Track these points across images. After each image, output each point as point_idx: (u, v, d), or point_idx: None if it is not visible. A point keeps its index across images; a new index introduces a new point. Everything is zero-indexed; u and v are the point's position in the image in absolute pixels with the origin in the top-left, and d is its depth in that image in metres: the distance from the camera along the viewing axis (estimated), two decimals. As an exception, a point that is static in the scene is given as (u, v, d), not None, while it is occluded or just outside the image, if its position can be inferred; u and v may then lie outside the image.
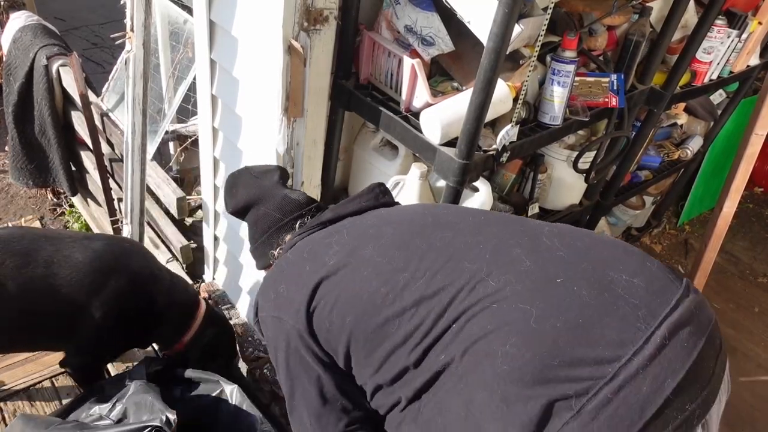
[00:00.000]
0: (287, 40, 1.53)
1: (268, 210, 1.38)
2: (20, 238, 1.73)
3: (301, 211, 1.36)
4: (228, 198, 1.49)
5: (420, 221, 1.18)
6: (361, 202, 1.30)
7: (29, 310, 1.68)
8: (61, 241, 1.74)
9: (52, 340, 1.81)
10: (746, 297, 3.35)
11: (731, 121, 3.00)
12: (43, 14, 3.21)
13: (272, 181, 1.44)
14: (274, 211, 1.37)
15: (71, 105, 2.74)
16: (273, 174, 1.46)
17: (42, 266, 1.67)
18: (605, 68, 1.86)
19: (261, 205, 1.40)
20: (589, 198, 2.35)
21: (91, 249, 1.73)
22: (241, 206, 1.44)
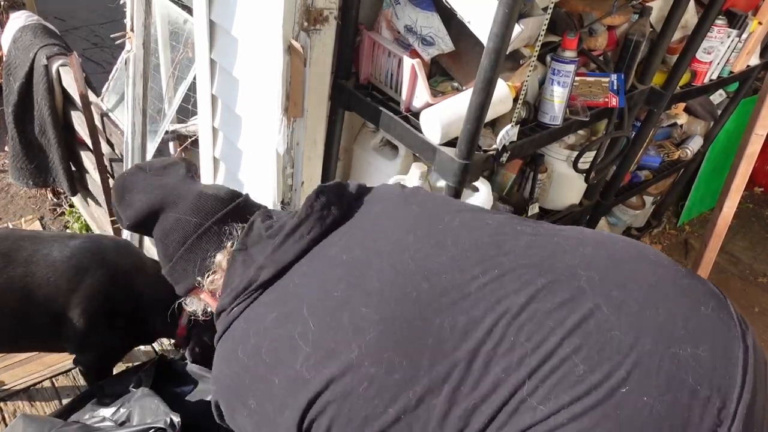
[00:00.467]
0: (287, 40, 1.53)
1: (180, 215, 1.08)
2: (4, 239, 1.76)
3: (224, 211, 1.08)
4: (121, 210, 1.16)
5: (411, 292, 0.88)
6: (304, 235, 0.98)
7: (13, 311, 1.70)
8: (42, 241, 1.77)
9: (44, 340, 1.81)
10: (746, 297, 3.35)
11: (731, 121, 3.00)
12: (43, 14, 3.20)
13: (178, 176, 1.14)
14: (189, 215, 1.07)
15: (71, 105, 2.74)
16: (177, 168, 1.16)
17: (21, 266, 1.70)
18: (605, 68, 1.86)
19: (169, 210, 1.09)
20: (589, 198, 2.35)
21: (68, 247, 1.75)
22: (142, 216, 1.12)
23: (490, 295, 0.86)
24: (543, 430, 0.76)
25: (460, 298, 0.86)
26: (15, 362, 2.24)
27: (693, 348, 0.80)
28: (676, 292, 0.88)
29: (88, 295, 1.71)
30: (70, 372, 2.25)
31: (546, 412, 0.77)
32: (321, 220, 1.00)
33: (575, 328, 0.81)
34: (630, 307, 0.84)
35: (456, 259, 0.90)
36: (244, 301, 0.97)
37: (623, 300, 0.84)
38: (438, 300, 0.86)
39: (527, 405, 0.78)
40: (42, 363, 2.25)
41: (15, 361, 2.24)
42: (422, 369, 0.83)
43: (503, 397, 0.79)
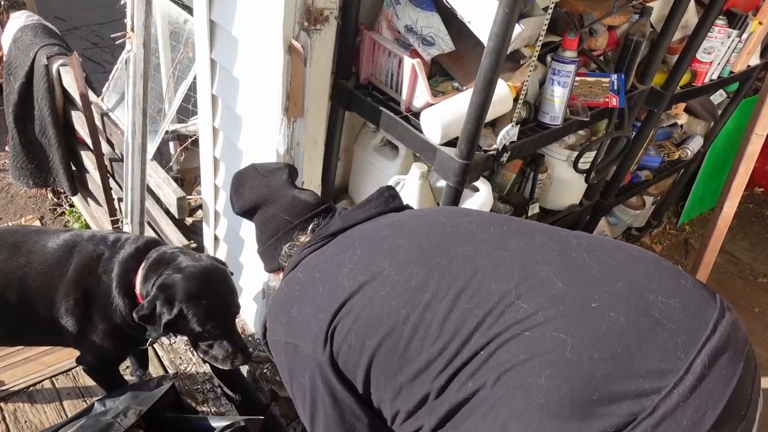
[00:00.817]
0: (287, 40, 1.53)
1: (276, 212, 1.34)
2: (14, 233, 1.80)
3: (311, 213, 1.32)
4: (234, 198, 1.45)
5: (437, 231, 1.11)
6: (371, 208, 1.24)
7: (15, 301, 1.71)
8: (45, 234, 1.79)
9: (46, 333, 1.81)
10: (746, 297, 3.35)
11: (731, 121, 3.00)
12: (43, 14, 3.21)
13: (281, 181, 1.40)
14: (282, 213, 1.33)
15: (71, 105, 2.74)
16: (281, 173, 1.42)
17: (24, 256, 1.72)
18: (605, 68, 1.86)
19: (269, 206, 1.36)
20: (590, 198, 2.35)
21: (61, 239, 1.77)
22: (248, 207, 1.40)
23: (496, 239, 1.07)
24: (522, 327, 0.91)
25: (474, 238, 1.08)
26: (15, 362, 2.24)
27: (665, 298, 0.91)
28: (658, 266, 1.00)
29: (71, 285, 1.72)
30: (70, 372, 2.24)
31: (526, 311, 0.92)
32: (385, 202, 1.27)
33: (559, 264, 0.98)
34: (611, 265, 0.98)
35: (477, 219, 1.14)
36: (315, 245, 1.21)
37: (606, 260, 0.99)
38: (456, 237, 1.09)
39: (513, 307, 0.93)
40: (42, 363, 2.25)
41: (15, 361, 2.24)
42: (433, 280, 1.01)
43: (492, 302, 0.95)
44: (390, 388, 1.03)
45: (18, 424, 2.06)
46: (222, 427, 1.75)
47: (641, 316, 0.88)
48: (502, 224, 1.11)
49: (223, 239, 2.31)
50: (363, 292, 1.06)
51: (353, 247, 1.14)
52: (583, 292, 0.93)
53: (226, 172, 2.09)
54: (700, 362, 0.84)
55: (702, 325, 0.88)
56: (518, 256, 1.01)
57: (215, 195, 2.20)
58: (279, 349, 1.15)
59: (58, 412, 2.12)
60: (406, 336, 0.99)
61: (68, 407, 2.14)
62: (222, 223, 2.27)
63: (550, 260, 0.99)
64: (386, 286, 1.04)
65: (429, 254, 1.06)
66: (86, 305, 1.73)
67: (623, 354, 0.85)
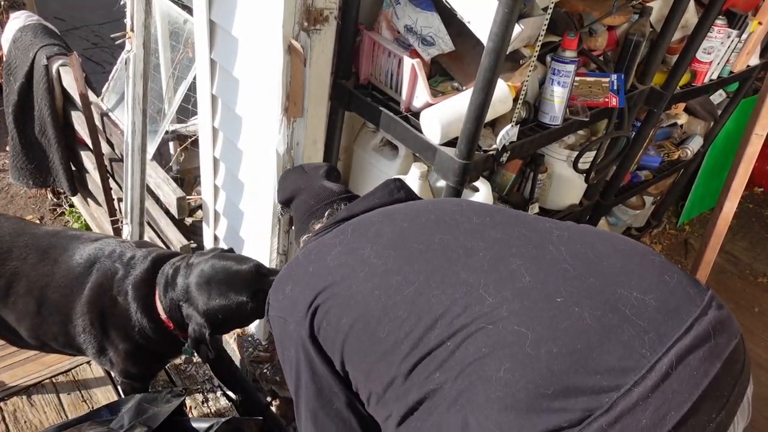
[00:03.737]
0: (287, 40, 1.53)
1: (306, 198, 1.45)
2: (52, 236, 1.79)
3: (333, 199, 1.40)
4: (279, 190, 1.60)
5: (422, 219, 1.15)
6: (374, 199, 1.30)
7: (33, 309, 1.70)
8: (77, 242, 1.78)
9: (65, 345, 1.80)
10: (746, 297, 3.35)
11: (731, 121, 3.00)
12: (43, 14, 3.20)
13: (317, 174, 1.51)
14: (309, 199, 1.43)
15: (71, 105, 2.74)
16: (320, 169, 1.54)
17: (49, 265, 1.72)
18: (605, 68, 1.86)
19: (302, 194, 1.47)
20: (589, 198, 2.35)
21: (86, 252, 1.76)
22: (286, 196, 1.53)
23: (475, 229, 1.08)
24: (486, 320, 0.92)
25: (454, 227, 1.10)
26: (15, 362, 2.24)
27: (640, 294, 0.89)
28: (643, 261, 0.97)
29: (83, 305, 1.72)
30: (70, 372, 2.25)
31: (491, 304, 0.93)
32: (390, 194, 1.30)
33: (531, 257, 0.99)
34: (588, 258, 0.97)
35: (464, 209, 1.16)
36: (322, 233, 1.27)
37: (584, 252, 0.98)
38: (437, 225, 1.11)
39: (479, 299, 0.94)
40: (42, 363, 2.25)
41: (15, 361, 2.24)
42: (406, 264, 1.05)
43: (460, 292, 0.96)
44: (361, 369, 1.06)
45: (18, 424, 2.06)
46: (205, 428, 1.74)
47: (608, 312, 0.87)
48: (486, 215, 1.13)
49: (223, 239, 2.31)
50: (344, 273, 1.10)
51: (346, 232, 1.20)
52: (549, 286, 0.93)
53: (225, 172, 2.09)
54: (666, 361, 0.82)
55: (676, 324, 0.86)
56: (493, 247, 1.02)
57: (215, 195, 2.20)
58: (274, 323, 1.21)
59: (58, 412, 2.12)
60: (375, 317, 1.02)
61: (68, 407, 2.14)
62: (222, 223, 2.27)
63: (524, 253, 0.99)
64: (365, 268, 1.08)
65: (408, 240, 1.09)
66: (103, 325, 1.72)
67: (583, 349, 0.84)
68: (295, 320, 1.14)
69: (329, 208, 1.39)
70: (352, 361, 1.08)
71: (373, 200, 1.30)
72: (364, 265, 1.09)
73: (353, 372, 1.09)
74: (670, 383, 0.81)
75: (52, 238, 1.78)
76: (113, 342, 1.74)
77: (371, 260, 1.09)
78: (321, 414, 1.14)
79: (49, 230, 1.85)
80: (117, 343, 1.73)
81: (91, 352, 1.76)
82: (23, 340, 1.83)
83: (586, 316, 0.87)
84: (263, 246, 1.99)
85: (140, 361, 1.79)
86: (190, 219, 2.82)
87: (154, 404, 1.69)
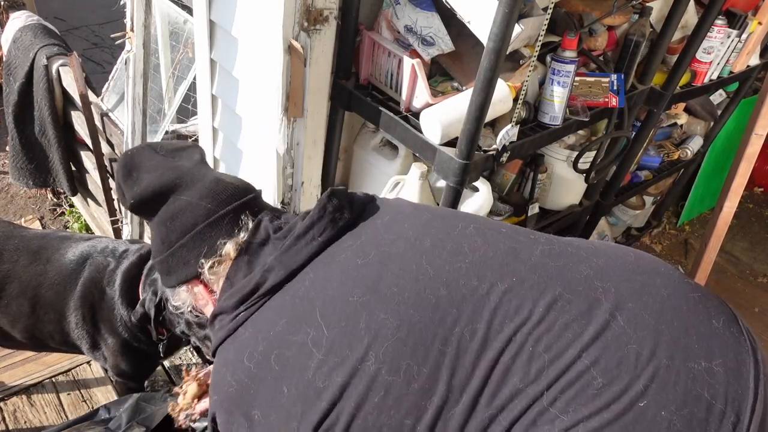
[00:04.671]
0: (287, 40, 1.53)
1: (191, 199, 1.02)
2: (41, 237, 1.79)
3: (237, 202, 1.02)
4: (126, 187, 1.08)
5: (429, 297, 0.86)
6: (316, 237, 0.95)
7: (28, 309, 1.70)
8: (68, 242, 1.78)
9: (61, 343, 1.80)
10: (746, 297, 3.35)
11: (731, 121, 3.00)
12: (43, 14, 3.21)
13: (193, 161, 1.10)
14: (202, 200, 1.02)
15: (71, 105, 2.74)
16: (192, 152, 1.12)
17: (42, 264, 1.72)
18: (605, 68, 1.86)
19: (180, 192, 1.03)
20: (589, 198, 2.35)
21: (78, 250, 1.76)
22: (150, 195, 1.05)
23: (508, 303, 0.85)
24: None
25: (480, 307, 0.85)
26: (15, 362, 2.24)
27: (707, 362, 0.81)
28: (689, 305, 0.88)
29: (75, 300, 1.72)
30: (70, 372, 2.25)
31: (565, 424, 0.77)
32: (333, 222, 0.96)
33: (593, 340, 0.82)
34: (645, 320, 0.84)
35: (474, 266, 0.89)
36: (252, 307, 0.92)
37: (638, 312, 0.84)
38: (457, 307, 0.85)
39: (546, 417, 0.78)
40: (42, 363, 2.25)
41: (15, 361, 2.24)
42: (441, 379, 0.82)
43: (521, 408, 0.79)
44: None
45: (18, 424, 2.06)
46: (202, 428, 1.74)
47: (693, 407, 0.78)
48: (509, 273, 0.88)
49: (223, 239, 2.30)
50: (348, 398, 0.84)
51: (314, 321, 0.87)
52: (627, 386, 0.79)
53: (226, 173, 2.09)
54: None
55: (745, 391, 0.81)
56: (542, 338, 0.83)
57: (215, 195, 2.20)
58: None
59: (57, 412, 2.12)
60: None
61: (68, 407, 2.14)
62: (222, 223, 2.27)
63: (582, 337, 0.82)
64: (379, 390, 0.83)
65: (427, 340, 0.84)
66: (93, 319, 1.72)
67: None
68: None
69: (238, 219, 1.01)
70: None
71: (315, 241, 0.94)
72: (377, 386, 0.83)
73: None
74: None
75: (42, 239, 1.79)
76: (103, 336, 1.74)
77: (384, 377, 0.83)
78: None
79: (38, 233, 1.86)
80: (106, 338, 1.74)
81: (85, 347, 1.77)
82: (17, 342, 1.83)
83: (675, 421, 0.77)
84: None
85: (129, 356, 1.79)
86: (190, 219, 2.81)
87: (152, 403, 1.69)
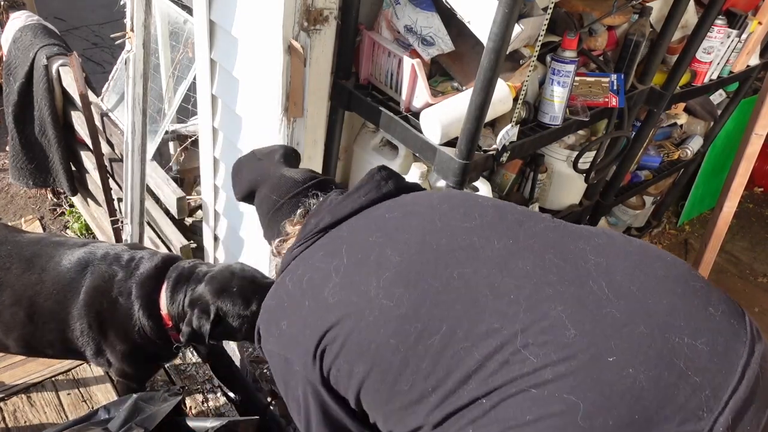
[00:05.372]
0: (287, 40, 1.53)
1: (266, 192, 1.29)
2: (34, 243, 1.78)
3: (297, 190, 1.24)
4: (234, 185, 1.43)
5: (432, 243, 0.99)
6: (361, 196, 1.14)
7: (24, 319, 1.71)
8: (62, 248, 1.77)
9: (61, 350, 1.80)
10: (746, 297, 3.35)
11: (731, 121, 3.00)
12: (43, 14, 3.21)
13: (272, 161, 1.36)
14: (270, 194, 1.28)
15: (71, 105, 2.74)
16: (275, 154, 1.38)
17: (36, 273, 1.71)
18: (605, 68, 1.86)
19: (261, 188, 1.32)
20: (589, 198, 2.35)
21: (75, 256, 1.75)
22: (245, 192, 1.38)
23: (499, 258, 0.94)
24: (529, 383, 0.81)
25: (473, 256, 0.95)
26: (15, 362, 2.24)
27: (691, 339, 0.82)
28: (685, 290, 0.89)
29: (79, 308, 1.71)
30: (70, 372, 2.25)
31: (534, 365, 0.82)
32: (378, 188, 1.15)
33: (572, 299, 0.87)
34: (631, 292, 0.87)
35: (479, 227, 1.00)
36: (304, 244, 1.12)
37: (626, 285, 0.88)
38: (453, 254, 0.96)
39: (518, 357, 0.83)
40: (42, 363, 2.25)
41: (15, 361, 2.24)
42: (425, 308, 0.92)
43: (495, 346, 0.85)
44: (380, 413, 0.98)
45: (18, 424, 2.07)
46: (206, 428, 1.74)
47: (663, 370, 0.80)
48: (507, 234, 0.98)
49: (223, 239, 2.31)
50: (350, 315, 0.98)
51: (340, 255, 1.05)
52: (599, 341, 0.83)
53: (226, 172, 2.09)
54: (723, 421, 0.77)
55: (729, 374, 0.81)
56: (525, 286, 0.90)
57: (215, 195, 2.20)
58: (274, 359, 1.12)
59: (58, 412, 2.12)
60: (395, 369, 0.92)
61: (68, 407, 2.14)
62: (222, 223, 2.27)
63: (563, 294, 0.88)
64: (374, 311, 0.96)
65: (420, 274, 0.96)
66: (101, 327, 1.71)
67: (640, 421, 0.78)
68: (301, 362, 1.04)
69: (298, 203, 1.23)
70: (369, 405, 1.01)
71: (360, 199, 1.13)
72: (373, 307, 0.96)
73: (371, 412, 1.02)
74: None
75: (35, 246, 1.77)
76: (111, 343, 1.74)
77: (380, 301, 0.96)
78: None
79: (32, 237, 1.83)
80: (115, 344, 1.73)
81: (89, 354, 1.76)
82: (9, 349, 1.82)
83: (642, 379, 0.79)
84: (263, 246, 1.99)
85: (137, 361, 1.79)
86: (190, 219, 2.82)
87: (151, 403, 1.70)
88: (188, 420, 1.74)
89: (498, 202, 1.11)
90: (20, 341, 1.76)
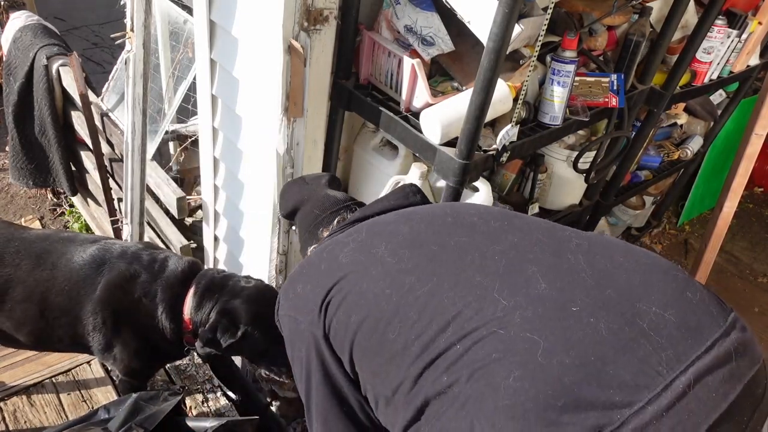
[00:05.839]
0: (287, 40, 1.53)
1: (310, 208, 1.44)
2: (43, 239, 1.78)
3: (339, 206, 1.38)
4: (280, 203, 1.59)
5: (438, 221, 1.13)
6: (389, 201, 1.30)
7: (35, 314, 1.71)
8: (73, 245, 1.77)
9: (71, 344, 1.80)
10: (746, 297, 3.35)
11: (731, 121, 3.00)
12: (43, 14, 3.21)
13: (319, 184, 1.50)
14: (314, 209, 1.42)
15: (71, 105, 2.74)
16: (322, 178, 1.54)
17: (47, 270, 1.71)
18: (605, 68, 1.86)
19: (305, 205, 1.46)
20: (589, 198, 2.35)
21: (88, 253, 1.75)
22: (290, 209, 1.51)
23: (493, 232, 1.07)
24: (498, 324, 0.90)
25: (472, 231, 1.08)
26: (15, 362, 2.24)
27: (660, 309, 0.86)
28: (665, 277, 0.94)
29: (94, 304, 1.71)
30: (70, 372, 2.25)
31: (505, 308, 0.91)
32: (405, 197, 1.31)
33: (548, 264, 0.96)
34: (606, 267, 0.95)
35: (480, 215, 1.15)
36: (334, 234, 1.27)
37: (602, 261, 0.96)
38: (454, 227, 1.10)
39: (492, 302, 0.93)
40: (42, 363, 2.25)
41: (15, 361, 2.24)
42: (421, 264, 1.03)
43: (473, 295, 0.95)
44: (369, 370, 1.04)
45: (18, 424, 2.07)
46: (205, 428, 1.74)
47: (624, 326, 0.84)
48: (504, 219, 1.11)
49: (223, 239, 2.31)
50: (356, 270, 1.09)
51: (360, 231, 1.19)
52: (565, 295, 0.90)
53: (225, 172, 2.09)
54: (684, 380, 0.79)
55: (697, 342, 0.83)
56: (509, 252, 1.00)
57: (215, 195, 2.20)
58: (284, 322, 1.20)
59: (57, 412, 2.12)
60: (386, 317, 1.01)
61: (68, 407, 2.14)
62: (222, 223, 2.27)
63: (541, 260, 0.97)
64: (378, 266, 1.07)
65: (424, 240, 1.08)
66: (116, 324, 1.72)
67: (596, 362, 0.81)
68: (308, 319, 1.12)
69: (337, 215, 1.37)
70: (360, 361, 1.07)
71: (388, 203, 1.29)
72: (377, 263, 1.07)
73: (361, 373, 1.07)
74: (686, 403, 0.78)
75: (44, 242, 1.78)
76: (124, 340, 1.75)
77: (385, 258, 1.07)
78: (331, 416, 1.13)
79: (40, 234, 1.84)
80: (129, 341, 1.74)
81: (96, 349, 1.77)
82: (19, 343, 1.83)
83: (602, 328, 0.84)
84: (263, 246, 1.99)
85: (145, 359, 1.81)
86: (190, 219, 2.82)
87: (151, 403, 1.70)
88: (188, 420, 1.74)
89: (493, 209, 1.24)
90: (31, 336, 1.76)
